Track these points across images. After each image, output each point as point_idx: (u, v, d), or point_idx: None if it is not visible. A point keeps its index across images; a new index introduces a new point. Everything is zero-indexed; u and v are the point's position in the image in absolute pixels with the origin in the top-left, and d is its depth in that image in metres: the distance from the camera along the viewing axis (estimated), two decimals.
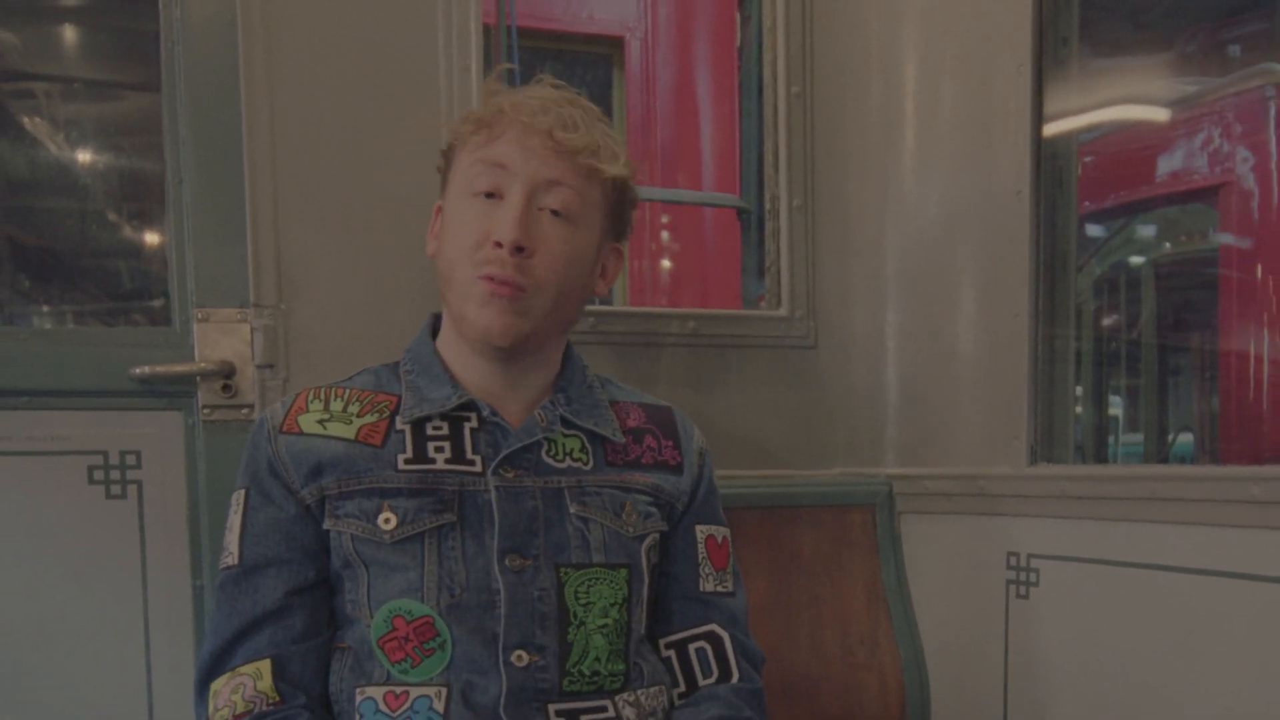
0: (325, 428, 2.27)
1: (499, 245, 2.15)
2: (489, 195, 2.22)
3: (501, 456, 2.26)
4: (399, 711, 2.14)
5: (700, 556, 2.49)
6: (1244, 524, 2.50)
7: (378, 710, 2.15)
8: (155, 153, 3.08)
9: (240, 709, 2.12)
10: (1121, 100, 7.06)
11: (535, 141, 2.21)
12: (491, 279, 2.17)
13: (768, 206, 3.48)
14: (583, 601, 2.25)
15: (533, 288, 2.19)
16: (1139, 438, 8.57)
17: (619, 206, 2.40)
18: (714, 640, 2.46)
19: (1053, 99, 3.22)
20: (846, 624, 3.27)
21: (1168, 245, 7.54)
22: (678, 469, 2.49)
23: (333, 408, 2.30)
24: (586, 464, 2.36)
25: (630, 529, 2.35)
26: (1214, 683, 2.60)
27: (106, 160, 7.86)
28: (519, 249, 2.16)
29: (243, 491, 2.28)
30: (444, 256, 2.28)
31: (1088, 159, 7.11)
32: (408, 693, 2.15)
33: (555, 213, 2.23)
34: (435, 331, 2.45)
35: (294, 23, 2.88)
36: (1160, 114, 7.09)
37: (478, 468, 2.26)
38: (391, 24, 2.97)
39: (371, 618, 2.17)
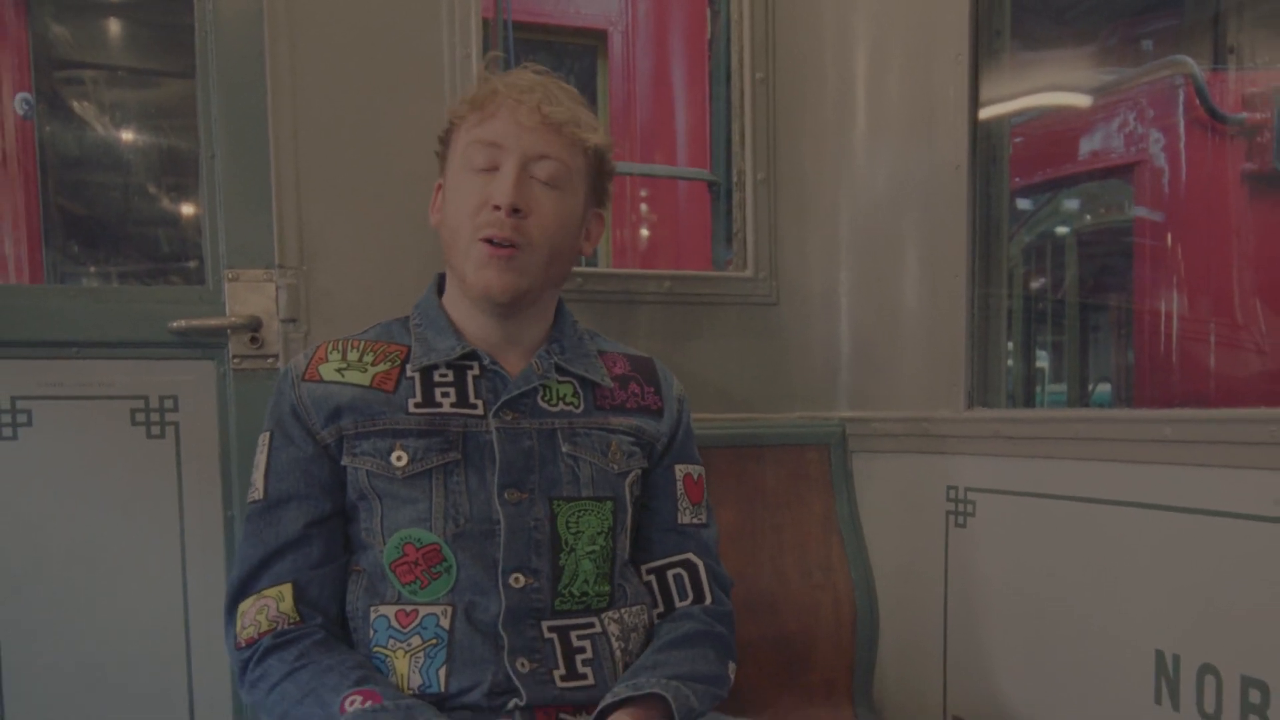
0: (343, 375, 2.28)
1: (497, 208, 2.18)
2: (485, 169, 2.24)
3: (501, 401, 2.28)
4: (409, 628, 2.17)
5: (679, 492, 2.52)
6: (1156, 460, 2.51)
7: (390, 626, 2.18)
8: (190, 132, 3.10)
9: (265, 627, 2.15)
10: (1048, 88, 7.09)
11: (525, 116, 2.24)
12: (490, 240, 2.19)
13: (735, 179, 3.48)
14: (573, 530, 2.28)
15: (527, 246, 2.22)
16: (1063, 387, 8.61)
17: (599, 175, 2.42)
18: (690, 567, 2.49)
19: (987, 86, 3.21)
20: (804, 550, 3.27)
21: (1089, 216, 7.56)
22: (658, 413, 2.51)
23: (350, 357, 2.32)
24: (577, 408, 2.38)
25: (615, 466, 2.37)
26: (1128, 601, 2.61)
27: (147, 139, 7.89)
28: (515, 210, 2.19)
29: (268, 434, 2.30)
30: (446, 225, 2.31)
31: (1018, 139, 7.14)
32: (417, 611, 2.17)
33: (545, 181, 2.25)
34: (441, 290, 2.47)
35: (314, 16, 2.89)
36: (1082, 100, 7.11)
37: (479, 411, 2.28)
38: (401, 18, 2.97)
39: (384, 544, 2.20)
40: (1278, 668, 2.25)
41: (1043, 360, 8.59)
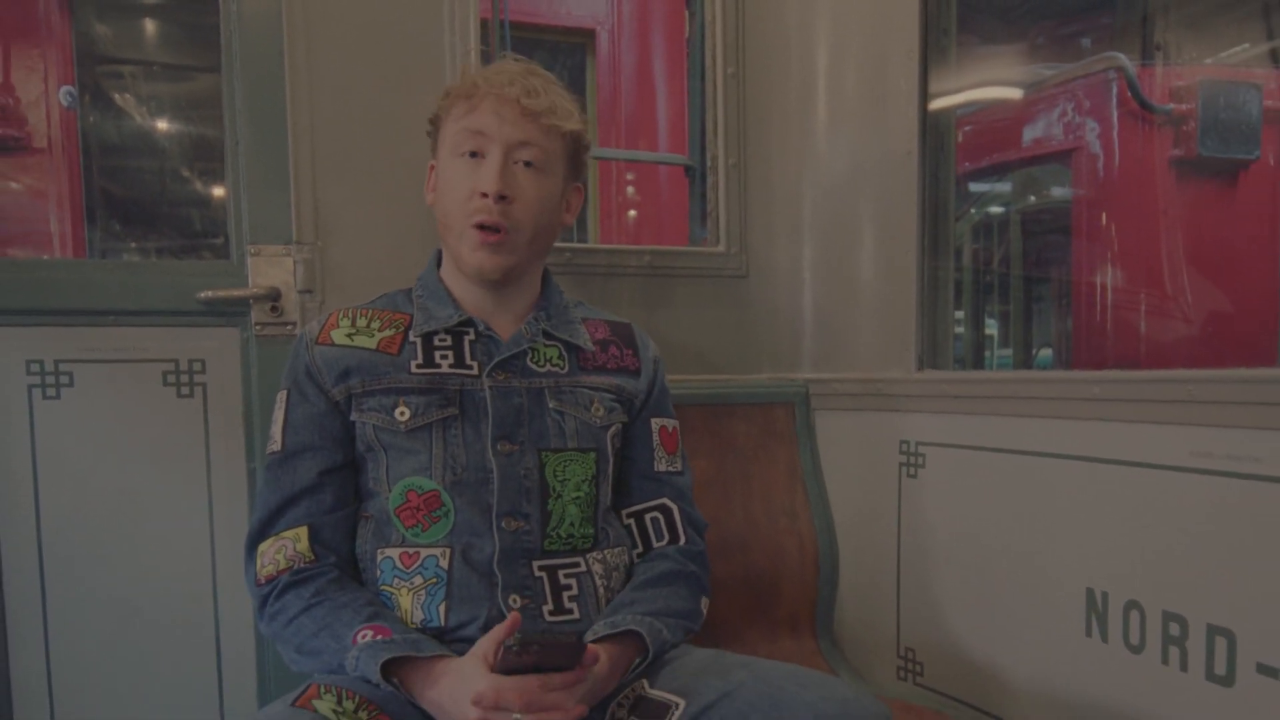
0: (352, 340, 2.31)
1: (485, 195, 2.22)
2: (473, 155, 2.27)
3: (494, 362, 2.31)
4: (412, 568, 2.20)
5: (655, 443, 2.54)
6: (1087, 417, 2.52)
7: (395, 567, 2.21)
8: (217, 122, 3.11)
9: (283, 565, 2.19)
10: (992, 81, 7.11)
11: (507, 109, 2.27)
12: (481, 226, 2.24)
13: (709, 164, 3.49)
14: (560, 478, 2.31)
15: (513, 228, 2.26)
16: (1009, 352, 8.66)
17: (576, 154, 2.44)
18: (665, 511, 2.51)
19: (936, 79, 3.23)
20: (772, 498, 3.29)
21: (1031, 197, 7.59)
22: (636, 373, 2.53)
23: (358, 324, 2.35)
24: (563, 369, 2.40)
25: (597, 420, 2.40)
26: (1062, 543, 2.62)
27: (178, 128, 7.93)
28: (501, 197, 2.22)
29: (285, 392, 2.34)
30: (440, 207, 2.34)
31: (967, 128, 7.17)
32: (419, 553, 2.21)
33: (527, 164, 2.28)
34: (439, 263, 2.49)
35: (328, 17, 2.91)
36: (1024, 93, 7.13)
37: (475, 371, 2.31)
38: (406, 19, 2.99)
39: (389, 491, 2.23)
40: (1195, 603, 2.27)
41: (992, 327, 8.64)
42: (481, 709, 1.88)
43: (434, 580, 2.18)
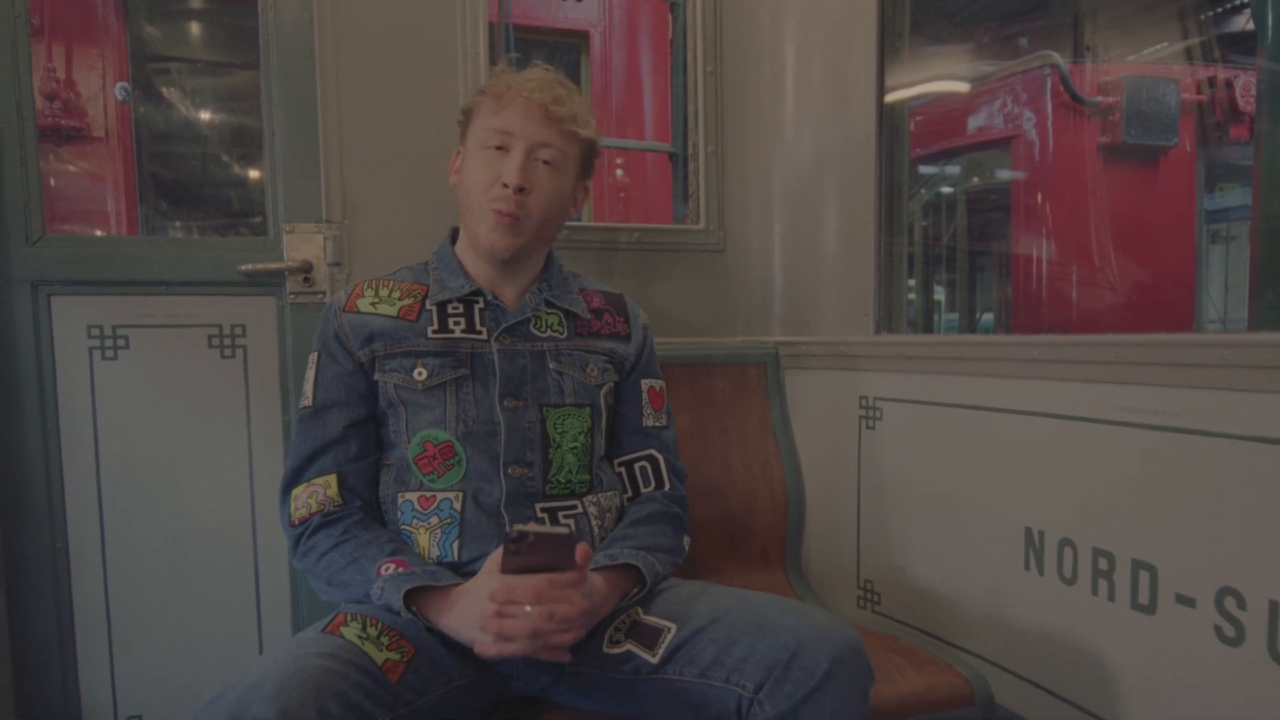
0: (376, 308, 2.33)
1: (505, 186, 2.25)
2: (498, 149, 2.29)
3: (502, 328, 2.33)
4: (429, 510, 2.23)
5: (644, 401, 2.55)
6: (1026, 376, 2.52)
7: (414, 509, 2.23)
8: (255, 113, 3.12)
9: (314, 508, 2.22)
10: (941, 76, 7.13)
11: (534, 112, 2.29)
12: (499, 212, 2.26)
13: (690, 151, 3.49)
14: (559, 431, 2.33)
15: (525, 217, 2.29)
16: (955, 315, 8.67)
17: (588, 158, 2.47)
18: (652, 461, 2.53)
19: (891, 74, 3.22)
20: (746, 448, 3.29)
21: (975, 179, 7.62)
22: (627, 338, 2.55)
23: (381, 294, 2.37)
24: (562, 334, 2.42)
25: (593, 380, 2.42)
26: (1003, 487, 2.63)
27: (221, 119, 7.94)
28: (520, 189, 2.25)
29: (316, 353, 2.35)
30: (464, 190, 2.36)
31: (918, 118, 7.19)
32: (434, 496, 2.22)
33: (546, 162, 2.30)
34: (454, 240, 2.51)
35: (355, 22, 2.91)
36: (968, 86, 7.15)
37: (484, 336, 2.32)
38: (423, 23, 2.99)
39: (409, 442, 2.25)
40: (1122, 540, 2.27)
41: (940, 294, 8.65)
42: (497, 602, 1.91)
43: (448, 521, 2.21)
